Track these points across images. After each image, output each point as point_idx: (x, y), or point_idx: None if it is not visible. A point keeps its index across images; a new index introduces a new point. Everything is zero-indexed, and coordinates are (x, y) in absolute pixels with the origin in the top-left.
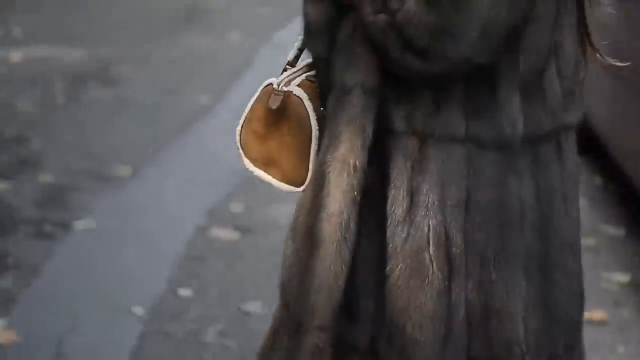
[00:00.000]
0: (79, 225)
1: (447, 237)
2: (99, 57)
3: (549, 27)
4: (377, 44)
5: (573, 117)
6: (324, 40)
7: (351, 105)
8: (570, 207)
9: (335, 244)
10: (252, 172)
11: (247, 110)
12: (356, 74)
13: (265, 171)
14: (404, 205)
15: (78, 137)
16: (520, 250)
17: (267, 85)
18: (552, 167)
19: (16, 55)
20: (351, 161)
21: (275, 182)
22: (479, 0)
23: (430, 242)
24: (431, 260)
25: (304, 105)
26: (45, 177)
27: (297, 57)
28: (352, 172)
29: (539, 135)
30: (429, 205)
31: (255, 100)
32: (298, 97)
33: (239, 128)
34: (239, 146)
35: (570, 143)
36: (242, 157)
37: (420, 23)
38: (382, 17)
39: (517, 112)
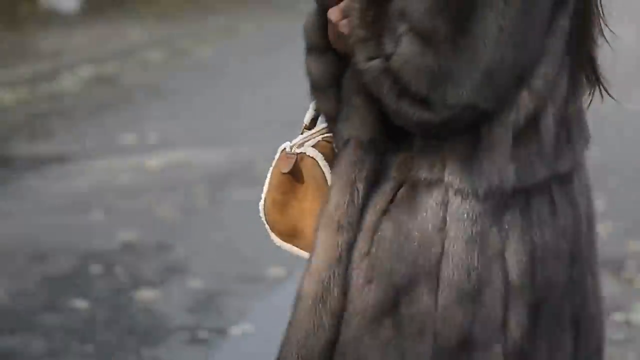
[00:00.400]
0: (236, 330)
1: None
2: (239, 157)
3: (555, 67)
4: (373, 93)
5: (566, 165)
6: (331, 95)
7: (344, 159)
8: (575, 271)
9: (311, 302)
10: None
11: (267, 180)
12: (352, 126)
13: (291, 243)
14: None
15: (224, 240)
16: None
17: (282, 149)
18: (545, 220)
19: (153, 162)
20: (336, 217)
21: (303, 254)
22: (481, 41)
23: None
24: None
25: (319, 166)
26: (195, 283)
27: (314, 120)
28: (337, 229)
29: (532, 185)
30: None
31: (273, 167)
32: (312, 157)
33: (261, 202)
34: (264, 221)
35: (564, 195)
36: (269, 232)
37: (417, 67)
38: (375, 63)
39: (507, 159)
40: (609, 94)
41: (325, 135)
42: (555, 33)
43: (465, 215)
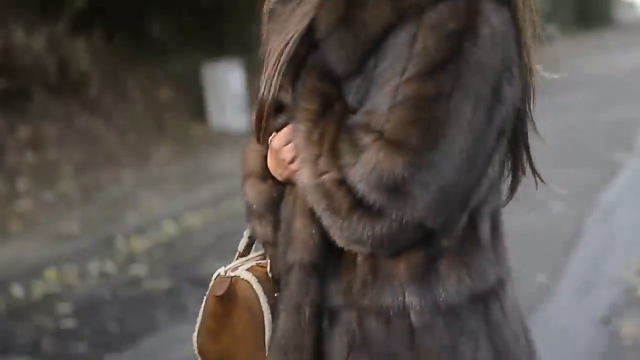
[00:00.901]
0: None
1: None
2: None
3: (489, 186)
4: (320, 209)
5: (504, 270)
6: (269, 221)
7: (290, 284)
8: None
9: None
10: None
11: (201, 309)
12: (294, 251)
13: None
14: None
15: None
16: None
17: (217, 275)
18: (502, 324)
19: None
20: (284, 342)
21: None
22: (446, 159)
23: None
24: None
25: (253, 288)
26: None
27: (249, 247)
28: (284, 354)
29: (486, 290)
30: None
31: (207, 294)
32: (246, 280)
33: (195, 333)
34: (196, 353)
35: (508, 298)
36: None
37: (380, 176)
38: (328, 177)
39: (461, 268)
40: (542, 179)
41: (260, 261)
42: (494, 163)
43: (433, 330)
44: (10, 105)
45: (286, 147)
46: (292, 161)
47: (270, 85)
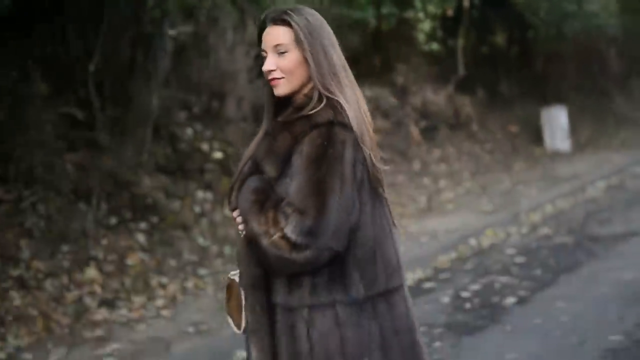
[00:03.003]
0: None
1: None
2: None
3: (371, 224)
4: (272, 254)
5: (397, 282)
6: (238, 252)
7: (248, 291)
8: (401, 341)
9: None
10: None
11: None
12: (243, 276)
13: (231, 318)
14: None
15: None
16: None
17: (228, 276)
18: (386, 315)
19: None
20: (250, 327)
21: (232, 324)
22: (332, 210)
23: None
24: None
25: (238, 286)
26: None
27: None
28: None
29: (376, 293)
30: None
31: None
32: (235, 280)
33: (224, 303)
34: (227, 313)
35: (397, 300)
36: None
37: (301, 228)
38: (277, 235)
39: (358, 280)
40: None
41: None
42: (362, 199)
43: (346, 317)
44: (427, 137)
45: (238, 220)
46: (242, 222)
47: (238, 176)
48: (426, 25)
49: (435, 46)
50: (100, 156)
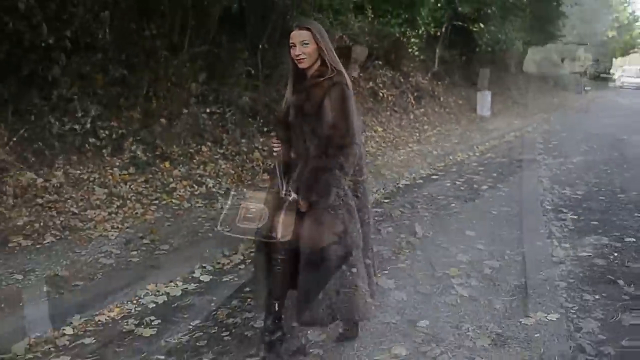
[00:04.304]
0: None
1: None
2: None
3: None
4: (337, 161)
5: (362, 176)
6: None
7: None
8: (368, 215)
9: None
10: None
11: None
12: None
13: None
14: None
15: None
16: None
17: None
18: (362, 195)
19: None
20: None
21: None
22: (351, 127)
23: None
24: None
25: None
26: None
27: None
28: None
29: (362, 179)
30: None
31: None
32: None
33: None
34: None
35: (365, 187)
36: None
37: (338, 144)
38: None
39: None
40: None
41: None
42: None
43: (346, 186)
44: (417, 102)
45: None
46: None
47: (285, 116)
48: (416, 41)
49: (417, 53)
50: None
